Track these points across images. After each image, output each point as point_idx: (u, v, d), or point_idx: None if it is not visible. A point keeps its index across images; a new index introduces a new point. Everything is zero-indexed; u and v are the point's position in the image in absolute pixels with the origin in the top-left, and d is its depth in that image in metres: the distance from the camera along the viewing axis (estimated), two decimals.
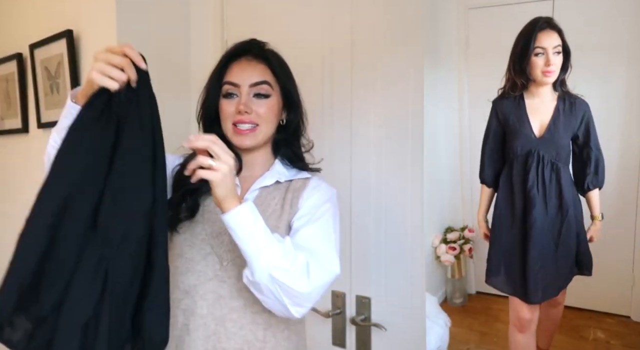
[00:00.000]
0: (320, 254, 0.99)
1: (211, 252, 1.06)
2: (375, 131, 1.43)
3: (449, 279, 2.76)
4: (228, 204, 0.91)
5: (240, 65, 1.10)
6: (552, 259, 1.67)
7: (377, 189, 1.43)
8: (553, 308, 1.84)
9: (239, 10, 1.76)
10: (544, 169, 1.70)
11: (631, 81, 2.37)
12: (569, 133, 1.71)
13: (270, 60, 1.10)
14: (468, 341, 2.41)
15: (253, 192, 1.11)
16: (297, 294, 0.94)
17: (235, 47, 1.13)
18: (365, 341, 1.45)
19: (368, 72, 1.43)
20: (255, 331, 1.05)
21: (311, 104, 1.22)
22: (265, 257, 0.91)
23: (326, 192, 1.11)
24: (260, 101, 1.08)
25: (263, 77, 1.09)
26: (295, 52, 1.54)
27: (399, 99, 1.38)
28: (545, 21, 1.72)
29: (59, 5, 1.91)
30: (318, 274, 0.96)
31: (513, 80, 1.71)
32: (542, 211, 1.67)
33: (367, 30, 1.43)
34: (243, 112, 1.06)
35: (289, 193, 1.10)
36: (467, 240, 2.73)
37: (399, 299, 1.40)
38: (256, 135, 1.08)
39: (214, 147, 0.88)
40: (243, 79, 1.08)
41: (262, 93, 1.08)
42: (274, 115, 1.10)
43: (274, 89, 1.10)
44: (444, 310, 2.25)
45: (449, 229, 2.79)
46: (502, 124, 1.76)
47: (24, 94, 2.15)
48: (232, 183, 0.91)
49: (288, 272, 0.92)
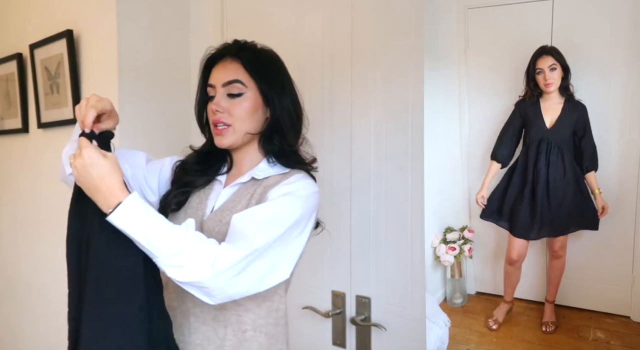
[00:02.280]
0: (239, 234, 0.93)
1: None
2: (375, 130, 1.43)
3: (448, 279, 2.76)
4: (100, 204, 0.90)
5: (217, 66, 1.11)
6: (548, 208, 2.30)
7: (377, 189, 1.43)
8: (556, 259, 2.36)
9: (239, 10, 1.76)
10: (551, 151, 2.33)
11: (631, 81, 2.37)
12: (571, 127, 2.31)
13: (244, 58, 1.09)
14: (468, 341, 2.41)
15: (233, 187, 1.12)
16: (199, 286, 0.90)
17: (216, 50, 1.13)
18: (365, 341, 1.45)
19: (368, 71, 1.43)
20: (216, 328, 1.06)
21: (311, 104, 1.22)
22: (157, 257, 0.89)
23: (296, 186, 1.04)
24: (233, 100, 1.07)
25: (235, 76, 1.07)
26: (295, 52, 1.55)
27: (398, 98, 1.38)
28: (542, 49, 2.32)
29: (59, 5, 1.91)
30: (223, 258, 0.89)
31: (530, 91, 2.36)
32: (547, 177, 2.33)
33: (367, 30, 1.43)
34: (215, 112, 1.07)
35: (259, 188, 1.08)
36: (466, 240, 2.73)
37: (399, 299, 1.40)
38: (230, 135, 1.08)
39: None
40: (217, 79, 1.08)
41: (233, 93, 1.07)
42: (250, 114, 1.08)
43: (248, 86, 1.08)
44: (444, 310, 2.25)
45: (449, 229, 2.79)
46: (523, 118, 2.37)
47: (24, 94, 2.15)
48: (91, 183, 0.89)
49: (183, 268, 0.89)
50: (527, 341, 2.39)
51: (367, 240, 1.45)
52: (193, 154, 1.19)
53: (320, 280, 1.55)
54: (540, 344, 2.34)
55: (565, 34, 2.45)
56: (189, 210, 1.12)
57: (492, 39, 2.43)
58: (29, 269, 2.19)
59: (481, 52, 2.63)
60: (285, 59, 1.15)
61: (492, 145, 2.41)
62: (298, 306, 1.55)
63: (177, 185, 1.14)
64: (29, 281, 2.21)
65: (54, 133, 1.99)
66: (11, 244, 2.29)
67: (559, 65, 2.27)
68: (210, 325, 1.06)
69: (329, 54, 1.52)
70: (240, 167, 1.15)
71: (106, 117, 1.00)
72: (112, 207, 0.88)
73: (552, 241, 2.42)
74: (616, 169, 2.43)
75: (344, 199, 1.48)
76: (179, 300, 1.08)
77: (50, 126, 1.96)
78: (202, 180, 1.14)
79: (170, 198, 1.12)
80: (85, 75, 1.79)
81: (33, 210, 2.14)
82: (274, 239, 0.95)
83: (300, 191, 1.03)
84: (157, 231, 0.89)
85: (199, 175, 1.14)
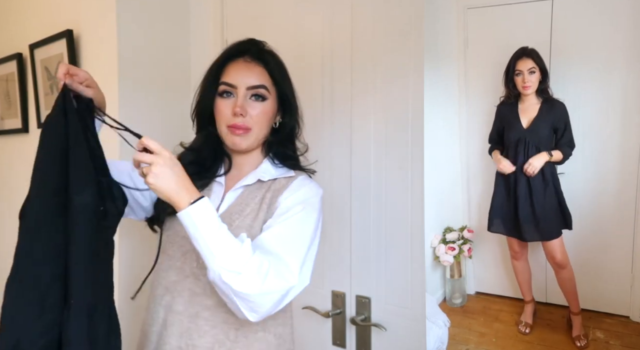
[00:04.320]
0: (280, 261, 0.96)
1: (190, 250, 1.06)
2: (375, 130, 1.43)
3: (448, 279, 2.76)
4: (177, 204, 0.91)
5: (238, 66, 1.09)
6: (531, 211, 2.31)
7: (377, 189, 1.43)
8: (561, 270, 2.34)
9: (239, 10, 1.76)
10: (529, 151, 2.32)
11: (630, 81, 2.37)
12: (549, 126, 2.31)
13: (268, 63, 1.10)
14: (467, 341, 2.41)
15: (236, 190, 1.11)
16: (248, 299, 0.92)
17: (233, 47, 1.12)
18: (365, 341, 1.45)
19: (368, 71, 1.43)
20: (226, 330, 1.05)
21: (311, 103, 1.22)
22: (217, 258, 0.90)
23: (306, 192, 1.07)
24: (256, 104, 1.07)
25: (261, 81, 1.08)
26: (295, 52, 1.55)
27: (398, 98, 1.38)
28: (522, 51, 2.33)
29: (59, 5, 1.91)
30: (273, 282, 0.93)
31: (508, 92, 2.39)
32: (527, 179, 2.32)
33: (367, 30, 1.43)
34: (238, 115, 1.05)
35: (269, 192, 1.09)
36: (466, 240, 2.73)
37: (399, 299, 1.40)
38: (248, 138, 1.08)
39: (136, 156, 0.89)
40: (240, 80, 1.07)
41: (257, 97, 1.07)
42: (268, 119, 1.10)
43: (271, 92, 1.09)
44: (443, 310, 2.25)
45: (448, 229, 2.79)
46: (502, 120, 2.40)
47: (24, 94, 2.15)
48: (175, 183, 0.90)
49: (239, 275, 0.90)
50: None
51: (367, 240, 1.45)
52: (186, 154, 1.15)
53: (320, 280, 1.55)
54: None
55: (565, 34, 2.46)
56: None
57: (491, 39, 2.43)
58: None
59: (481, 52, 2.63)
60: (285, 59, 1.16)
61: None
62: (298, 306, 1.55)
63: None
64: None
65: None
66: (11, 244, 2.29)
67: (538, 69, 2.28)
68: (220, 328, 1.05)
69: (329, 54, 1.52)
70: (241, 169, 1.15)
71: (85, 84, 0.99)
72: (193, 200, 0.90)
73: (549, 250, 2.36)
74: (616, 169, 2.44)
75: (344, 199, 1.48)
76: (186, 304, 1.06)
77: None
78: (198, 184, 1.09)
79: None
80: None
81: None
82: (305, 256, 1.01)
83: (312, 197, 1.07)
84: (224, 232, 0.92)
85: (196, 179, 1.09)
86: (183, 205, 0.90)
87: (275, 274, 0.93)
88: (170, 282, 1.08)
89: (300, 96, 1.17)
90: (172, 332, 1.06)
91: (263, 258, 0.94)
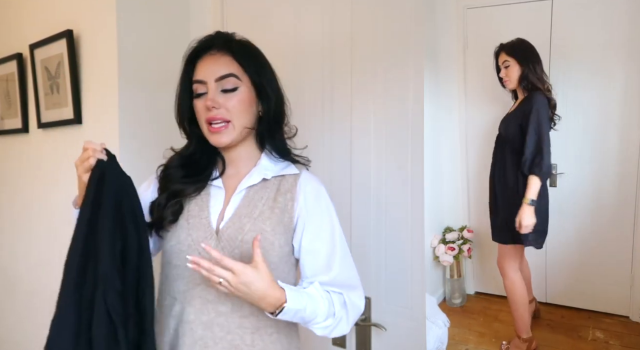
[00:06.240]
0: (353, 289, 1.10)
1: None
2: (375, 131, 1.43)
3: (447, 279, 2.76)
4: (265, 307, 0.98)
5: (205, 61, 1.07)
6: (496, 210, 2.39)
7: (377, 189, 1.43)
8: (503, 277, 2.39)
9: (239, 10, 1.76)
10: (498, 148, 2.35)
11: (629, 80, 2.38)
12: (516, 122, 2.23)
13: (235, 51, 1.06)
14: (467, 341, 2.42)
15: (240, 192, 1.09)
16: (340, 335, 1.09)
17: (198, 43, 1.10)
18: (365, 341, 1.45)
19: (368, 71, 1.43)
20: (242, 335, 1.04)
21: (311, 103, 1.22)
22: (316, 325, 1.05)
23: (320, 194, 1.11)
24: (228, 95, 1.04)
25: (228, 70, 1.05)
26: (295, 51, 1.55)
27: (398, 98, 1.38)
28: (499, 46, 2.34)
29: (59, 5, 1.91)
30: (354, 313, 1.09)
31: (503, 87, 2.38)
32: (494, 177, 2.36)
33: (367, 30, 1.43)
34: (211, 108, 1.03)
35: (279, 195, 1.07)
36: (466, 240, 2.74)
37: (399, 299, 1.40)
38: (229, 132, 1.05)
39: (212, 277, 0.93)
40: (208, 74, 1.05)
41: (228, 88, 1.05)
42: (246, 108, 1.07)
43: (242, 80, 1.06)
44: (443, 310, 2.26)
45: (448, 229, 2.80)
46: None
47: (24, 94, 2.15)
48: (260, 289, 0.94)
49: (329, 327, 1.06)
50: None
51: (367, 240, 1.45)
52: (175, 157, 1.13)
53: None
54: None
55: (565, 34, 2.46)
56: (191, 220, 1.07)
57: (491, 39, 2.44)
58: (28, 269, 2.19)
59: (480, 52, 2.64)
60: (285, 58, 1.15)
61: (491, 144, 2.42)
62: None
63: (166, 195, 1.08)
64: (27, 281, 2.21)
65: (54, 133, 1.99)
66: (11, 244, 2.30)
67: (515, 61, 2.25)
68: (236, 333, 1.04)
69: (329, 54, 1.52)
70: (237, 166, 1.12)
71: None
72: (279, 308, 0.97)
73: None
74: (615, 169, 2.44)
75: (343, 199, 1.48)
76: (197, 312, 1.04)
77: (50, 126, 1.96)
78: (192, 189, 1.09)
79: (164, 210, 1.07)
80: (85, 75, 1.79)
81: (32, 210, 2.14)
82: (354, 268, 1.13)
83: (326, 197, 1.13)
84: (312, 307, 1.02)
85: (189, 183, 1.10)
86: (272, 309, 0.98)
87: (352, 307, 1.08)
88: (178, 292, 1.06)
89: (300, 96, 1.16)
90: (184, 342, 1.04)
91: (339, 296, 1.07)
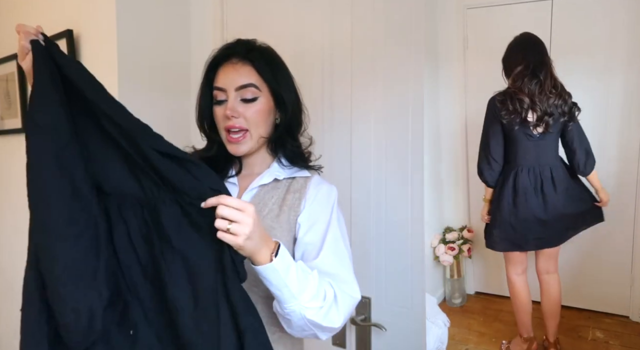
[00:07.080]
0: (343, 281, 1.02)
1: None
2: (375, 131, 1.43)
3: (447, 279, 2.76)
4: (257, 259, 0.90)
5: (226, 69, 1.08)
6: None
7: (377, 189, 1.43)
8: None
9: (239, 10, 1.76)
10: None
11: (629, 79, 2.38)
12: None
13: (255, 61, 1.08)
14: (467, 341, 2.42)
15: (252, 190, 1.10)
16: (330, 328, 0.98)
17: (220, 50, 1.11)
18: (365, 341, 1.45)
19: (368, 71, 1.43)
20: None
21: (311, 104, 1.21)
22: (298, 301, 0.93)
23: (329, 196, 1.09)
24: (247, 105, 1.06)
25: (248, 80, 1.06)
26: (295, 51, 1.55)
27: (399, 98, 1.38)
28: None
29: (59, 5, 1.91)
30: (345, 304, 1.00)
31: None
32: None
33: (367, 30, 1.43)
34: (230, 117, 1.04)
35: (289, 194, 1.09)
36: (466, 240, 2.73)
37: (399, 299, 1.40)
38: (247, 141, 1.07)
39: (224, 211, 0.84)
40: (228, 83, 1.06)
41: (248, 97, 1.06)
42: (265, 118, 1.08)
43: (262, 90, 1.07)
44: (443, 310, 2.26)
45: (448, 229, 2.80)
46: None
47: (24, 94, 2.15)
48: (258, 238, 0.87)
49: (321, 309, 0.95)
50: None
51: (367, 241, 1.45)
52: (196, 155, 1.15)
53: None
54: None
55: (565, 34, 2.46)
56: None
57: (491, 39, 2.44)
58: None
59: (480, 52, 2.64)
60: (285, 59, 1.15)
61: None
62: None
63: None
64: None
65: None
66: (10, 244, 2.30)
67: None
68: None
69: (329, 54, 1.52)
70: (252, 169, 1.14)
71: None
72: (274, 252, 0.90)
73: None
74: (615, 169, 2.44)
75: (343, 199, 1.48)
76: None
77: None
78: None
79: None
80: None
81: None
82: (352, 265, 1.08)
83: (335, 198, 1.10)
84: (300, 272, 0.94)
85: None
86: (265, 259, 0.89)
87: (344, 296, 1.00)
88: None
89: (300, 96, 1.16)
90: None
91: (328, 282, 0.99)
